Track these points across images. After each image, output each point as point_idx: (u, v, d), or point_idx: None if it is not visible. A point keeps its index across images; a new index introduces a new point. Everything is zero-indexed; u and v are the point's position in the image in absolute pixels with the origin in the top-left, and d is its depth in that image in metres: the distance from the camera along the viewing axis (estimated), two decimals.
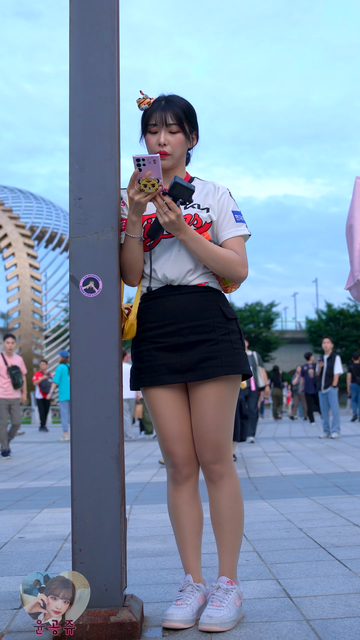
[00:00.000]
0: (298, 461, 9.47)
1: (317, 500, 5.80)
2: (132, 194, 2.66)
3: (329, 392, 14.33)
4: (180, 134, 2.80)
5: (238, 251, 2.78)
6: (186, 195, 2.63)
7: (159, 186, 2.63)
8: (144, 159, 2.61)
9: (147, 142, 2.82)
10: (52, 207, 22.66)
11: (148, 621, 2.74)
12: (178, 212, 2.63)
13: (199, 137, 2.91)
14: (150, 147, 2.81)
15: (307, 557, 3.74)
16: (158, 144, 2.78)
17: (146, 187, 2.63)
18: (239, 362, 2.76)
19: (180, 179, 2.62)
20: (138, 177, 2.63)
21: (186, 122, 2.81)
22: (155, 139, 2.79)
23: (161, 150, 2.77)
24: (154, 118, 2.78)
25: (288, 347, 52.15)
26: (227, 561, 2.78)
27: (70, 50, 2.79)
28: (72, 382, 2.68)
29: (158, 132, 2.78)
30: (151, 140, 2.80)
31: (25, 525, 5.25)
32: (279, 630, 2.56)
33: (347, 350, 44.58)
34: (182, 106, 2.82)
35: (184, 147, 2.83)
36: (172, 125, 2.78)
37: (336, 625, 2.58)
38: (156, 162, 2.61)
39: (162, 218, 2.65)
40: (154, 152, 2.78)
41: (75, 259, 2.72)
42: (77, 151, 2.76)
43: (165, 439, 2.80)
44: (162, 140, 2.77)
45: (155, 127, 2.79)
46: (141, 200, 2.66)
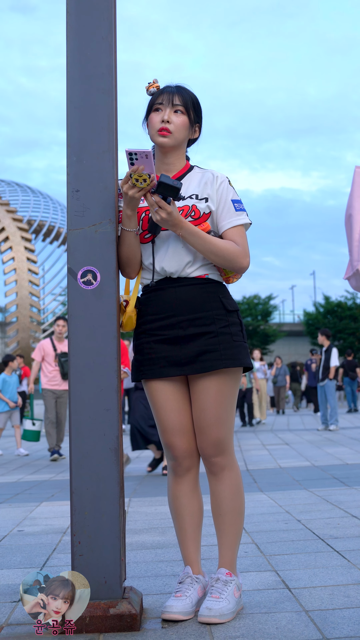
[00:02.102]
0: (296, 453, 9.48)
1: (316, 492, 5.81)
2: (126, 188, 2.64)
3: (325, 385, 14.36)
4: (185, 117, 2.79)
5: (238, 241, 2.77)
6: (173, 193, 2.60)
7: (150, 181, 2.61)
8: (136, 153, 2.60)
9: (151, 120, 2.80)
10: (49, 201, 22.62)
11: (147, 613, 2.75)
12: (168, 209, 2.61)
13: (201, 132, 2.91)
14: (152, 124, 2.78)
15: (306, 549, 3.74)
16: (161, 121, 2.76)
17: (138, 182, 2.61)
18: (238, 355, 2.75)
19: (165, 178, 2.58)
20: (130, 172, 2.62)
21: (192, 110, 2.82)
22: (159, 117, 2.77)
23: (163, 127, 2.76)
24: (161, 98, 2.79)
25: (286, 340, 52.13)
26: (227, 553, 2.78)
27: (67, 42, 2.78)
28: (70, 374, 2.68)
29: (163, 111, 2.78)
30: (155, 118, 2.78)
31: (24, 518, 5.25)
32: (278, 621, 2.56)
33: (345, 342, 44.59)
34: (191, 94, 2.84)
35: (186, 132, 2.82)
36: (178, 106, 2.78)
37: (335, 616, 2.59)
38: (148, 156, 2.59)
39: (154, 216, 2.65)
40: (156, 129, 2.77)
41: (73, 251, 2.72)
42: (75, 143, 2.75)
43: (166, 431, 2.80)
44: (166, 117, 2.76)
45: (161, 105, 2.78)
46: (134, 195, 2.64)
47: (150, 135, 2.81)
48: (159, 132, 2.76)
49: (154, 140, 2.80)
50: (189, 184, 2.82)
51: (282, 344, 51.14)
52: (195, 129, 2.88)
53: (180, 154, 2.86)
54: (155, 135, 2.78)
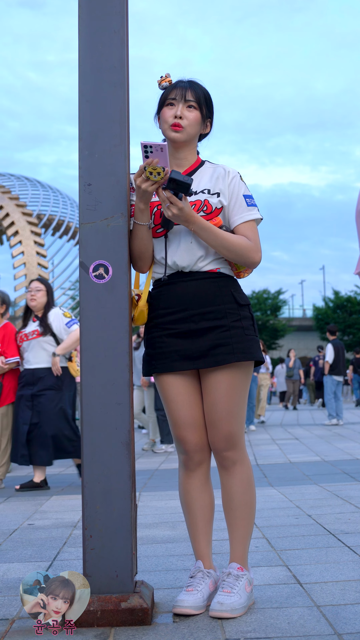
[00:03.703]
0: (306, 448, 9.47)
1: (326, 487, 5.80)
2: (140, 181, 2.64)
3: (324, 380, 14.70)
4: (197, 112, 2.79)
5: (250, 236, 2.76)
6: (184, 189, 2.59)
7: (164, 174, 2.61)
8: (151, 146, 2.59)
9: (163, 115, 2.79)
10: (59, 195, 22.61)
11: (159, 607, 2.75)
12: (180, 205, 2.61)
13: (212, 128, 2.90)
14: (165, 119, 2.78)
15: (317, 544, 3.74)
16: (174, 116, 2.76)
17: (152, 175, 2.60)
18: (250, 349, 2.75)
19: (176, 174, 2.58)
20: (144, 165, 2.61)
21: (204, 105, 2.82)
22: (172, 112, 2.77)
23: (175, 122, 2.76)
24: (174, 93, 2.79)
25: (295, 335, 52.11)
26: (238, 547, 2.78)
27: (79, 35, 2.77)
28: (82, 368, 2.68)
29: (175, 106, 2.78)
30: (167, 113, 2.78)
31: (35, 512, 5.26)
32: (289, 616, 2.56)
33: (355, 337, 44.53)
34: (203, 90, 2.84)
35: (198, 127, 2.82)
36: (190, 102, 2.78)
37: (347, 611, 2.58)
38: (163, 150, 2.59)
39: (166, 212, 2.64)
40: (169, 123, 2.77)
41: (85, 245, 2.71)
42: (87, 137, 2.74)
43: (177, 425, 2.79)
44: (179, 113, 2.76)
45: (174, 100, 2.78)
46: (148, 189, 2.64)
47: (163, 129, 2.81)
48: (172, 127, 2.76)
49: (166, 135, 2.80)
50: (200, 178, 2.81)
51: (291, 338, 51.11)
52: (206, 124, 2.88)
53: (191, 149, 2.86)
54: (168, 130, 2.77)
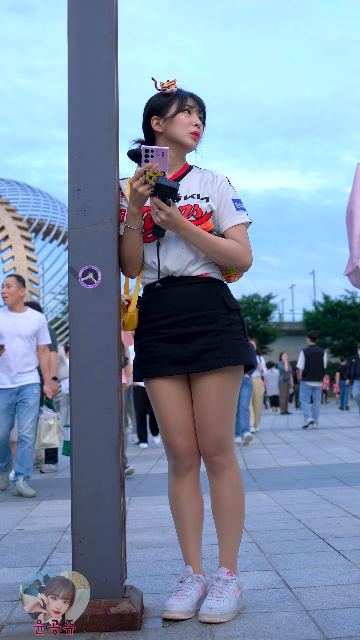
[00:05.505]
0: (296, 453, 9.48)
1: (316, 492, 5.81)
2: (137, 185, 2.64)
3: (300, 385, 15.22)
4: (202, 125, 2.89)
5: (240, 240, 2.77)
6: (170, 193, 2.60)
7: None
8: (152, 150, 2.61)
9: (180, 120, 2.81)
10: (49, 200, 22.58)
11: (148, 612, 2.74)
12: (168, 211, 2.62)
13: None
14: (183, 124, 2.81)
15: (306, 548, 3.74)
16: (195, 125, 2.82)
17: (151, 179, 2.61)
18: (241, 353, 2.75)
19: (161, 179, 2.59)
20: (144, 168, 2.62)
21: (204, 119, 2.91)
22: (191, 119, 2.82)
23: (196, 131, 2.82)
24: (191, 101, 2.84)
25: (286, 339, 52.13)
26: (227, 552, 2.78)
27: (68, 40, 2.78)
28: (71, 373, 2.68)
29: (191, 114, 2.83)
30: (186, 119, 2.81)
31: (24, 517, 5.25)
32: (278, 621, 2.56)
33: (345, 342, 44.64)
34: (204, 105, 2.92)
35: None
36: (201, 113, 2.87)
37: (336, 616, 2.59)
38: (164, 154, 2.60)
39: (155, 218, 2.65)
40: (186, 128, 2.81)
41: (74, 250, 2.71)
42: (76, 142, 2.75)
43: (167, 430, 2.79)
44: (198, 122, 2.84)
45: (191, 109, 2.83)
46: (144, 193, 2.65)
47: (179, 134, 2.81)
48: (193, 134, 2.82)
49: (182, 140, 2.82)
50: (189, 183, 2.83)
51: (281, 343, 51.13)
52: None
53: (182, 155, 2.88)
54: (187, 136, 2.81)
